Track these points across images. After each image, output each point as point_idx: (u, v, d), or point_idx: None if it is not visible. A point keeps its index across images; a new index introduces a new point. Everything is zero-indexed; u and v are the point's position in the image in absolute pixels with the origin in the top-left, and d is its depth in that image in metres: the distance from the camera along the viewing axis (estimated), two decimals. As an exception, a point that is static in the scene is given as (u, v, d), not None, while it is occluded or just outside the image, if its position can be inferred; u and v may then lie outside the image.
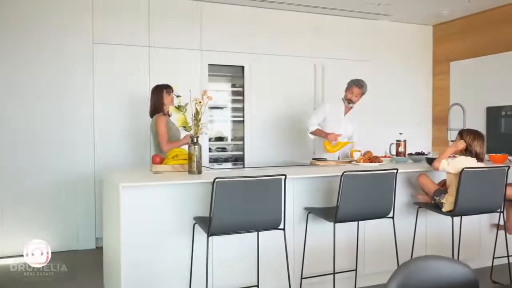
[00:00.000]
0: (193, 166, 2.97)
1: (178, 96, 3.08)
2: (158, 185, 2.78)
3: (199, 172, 3.00)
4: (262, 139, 5.46)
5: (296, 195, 3.19)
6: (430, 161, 3.51)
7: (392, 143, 4.47)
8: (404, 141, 4.39)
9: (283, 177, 2.60)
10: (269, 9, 5.45)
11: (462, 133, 3.26)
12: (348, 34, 5.94)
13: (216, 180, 2.43)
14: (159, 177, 2.92)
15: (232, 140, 5.69)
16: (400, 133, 4.62)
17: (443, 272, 1.33)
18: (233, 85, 5.66)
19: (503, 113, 5.43)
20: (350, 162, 3.94)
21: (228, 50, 5.28)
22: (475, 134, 3.22)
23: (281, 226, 2.66)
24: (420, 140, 6.25)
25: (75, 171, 4.60)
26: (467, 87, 5.91)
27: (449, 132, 4.63)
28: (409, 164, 3.84)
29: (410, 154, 4.17)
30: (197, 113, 2.93)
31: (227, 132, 5.77)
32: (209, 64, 5.19)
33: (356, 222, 3.21)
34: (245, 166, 5.23)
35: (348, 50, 5.91)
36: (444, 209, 3.17)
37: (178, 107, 3.02)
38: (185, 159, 3.17)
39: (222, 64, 5.35)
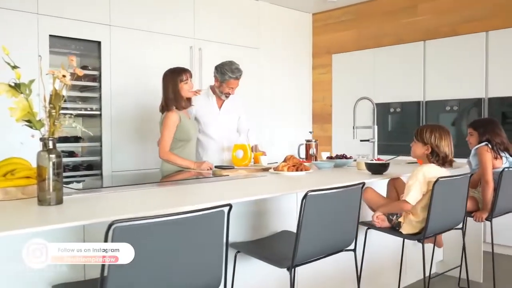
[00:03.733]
0: (46, 190, 1.65)
1: (14, 67, 1.69)
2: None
3: (59, 201, 1.69)
4: (128, 139, 4.14)
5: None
6: (374, 167, 2.76)
7: (301, 144, 3.67)
8: (316, 141, 3.63)
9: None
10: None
11: (421, 132, 2.52)
12: (231, 15, 4.99)
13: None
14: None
15: (83, 141, 4.22)
16: (310, 132, 3.85)
17: None
18: (84, 67, 4.19)
19: (391, 110, 5.11)
20: (264, 169, 2.98)
21: (78, 18, 3.85)
22: (441, 131, 2.48)
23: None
24: (301, 139, 5.65)
25: None
26: (351, 82, 5.49)
27: (355, 130, 4.01)
28: (346, 172, 3.02)
29: (332, 158, 3.40)
30: (56, 96, 1.61)
31: (76, 130, 4.27)
32: (50, 36, 3.70)
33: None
34: (105, 174, 3.95)
35: (231, 33, 4.97)
36: (403, 231, 2.43)
37: (16, 87, 1.64)
38: (29, 177, 1.83)
39: (69, 37, 3.88)
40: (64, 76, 1.57)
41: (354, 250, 2.14)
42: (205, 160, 3.20)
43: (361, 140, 4.16)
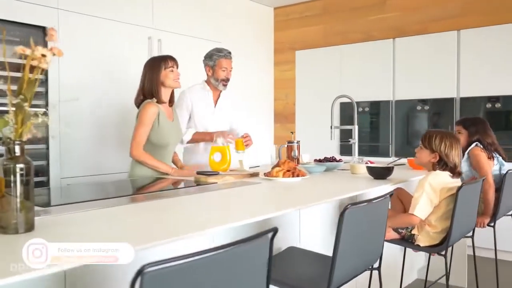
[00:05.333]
0: (11, 212, 1.20)
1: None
2: None
3: (29, 227, 1.24)
4: (80, 141, 3.60)
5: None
6: (378, 172, 2.50)
7: (283, 146, 3.35)
8: (298, 142, 3.33)
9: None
10: None
11: (430, 139, 2.25)
12: (192, 5, 4.58)
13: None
14: None
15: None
16: (292, 132, 3.54)
17: None
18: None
19: (359, 109, 4.93)
20: (252, 175, 2.62)
21: (19, -2, 3.27)
22: (451, 139, 2.22)
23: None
24: (262, 139, 5.35)
25: None
26: (316, 79, 5.26)
27: (332, 130, 3.77)
28: (343, 177, 2.72)
29: (320, 160, 3.10)
30: (29, 84, 1.16)
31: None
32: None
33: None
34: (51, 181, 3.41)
35: (193, 25, 4.55)
36: (421, 243, 2.18)
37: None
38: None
39: (7, 19, 3.29)
40: (43, 55, 1.13)
41: (379, 268, 1.85)
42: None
43: (342, 141, 3.94)
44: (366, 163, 2.84)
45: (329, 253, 2.05)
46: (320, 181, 2.51)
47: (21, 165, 1.23)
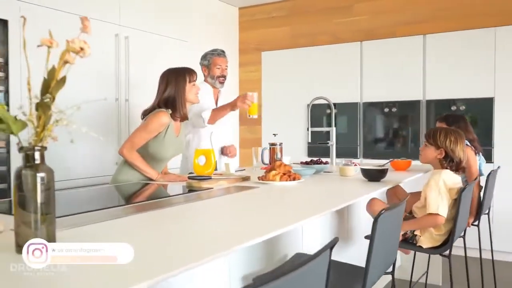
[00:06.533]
0: (30, 229, 1.04)
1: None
2: None
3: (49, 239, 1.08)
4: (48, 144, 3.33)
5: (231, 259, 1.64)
6: (372, 174, 2.48)
7: (265, 148, 3.28)
8: (281, 144, 3.27)
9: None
10: None
11: (434, 136, 2.27)
12: (158, 2, 4.41)
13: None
14: None
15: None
16: (274, 134, 3.48)
17: None
18: (-17, 52, 3.27)
19: (327, 111, 4.96)
20: (244, 179, 2.53)
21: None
22: (456, 135, 2.26)
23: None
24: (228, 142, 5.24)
25: None
26: (283, 81, 5.24)
27: (309, 132, 3.74)
28: (335, 180, 2.67)
29: (308, 163, 3.05)
30: (58, 83, 1.01)
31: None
32: None
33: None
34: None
35: (160, 23, 4.38)
36: (423, 245, 2.19)
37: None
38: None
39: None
40: (81, 49, 0.98)
41: (392, 272, 1.82)
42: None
43: (319, 143, 3.92)
44: (355, 165, 2.83)
45: (341, 258, 2.01)
46: (316, 184, 2.46)
47: (42, 174, 1.07)
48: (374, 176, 2.47)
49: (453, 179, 2.20)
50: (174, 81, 2.46)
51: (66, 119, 1.06)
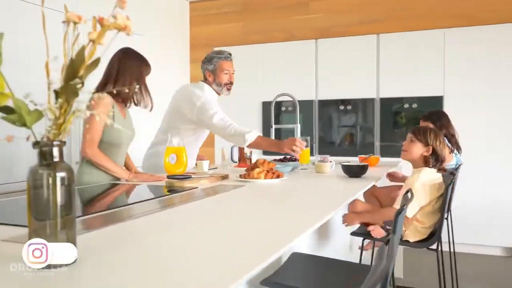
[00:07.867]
0: (49, 234, 0.87)
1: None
2: None
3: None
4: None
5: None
6: (353, 170, 2.46)
7: (234, 146, 3.16)
8: (251, 142, 3.16)
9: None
10: None
11: (424, 133, 2.26)
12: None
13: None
14: None
15: None
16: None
17: None
18: None
19: (283, 108, 4.94)
20: (224, 177, 2.40)
21: None
22: (441, 136, 2.29)
23: None
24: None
25: None
26: (236, 78, 5.11)
27: (272, 129, 3.68)
28: (316, 177, 2.60)
29: (282, 160, 2.97)
30: (91, 65, 0.85)
31: None
32: None
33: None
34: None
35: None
36: (410, 239, 2.20)
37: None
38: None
39: None
40: (125, 26, 0.83)
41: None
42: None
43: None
44: (330, 162, 2.80)
45: (324, 254, 1.97)
46: (299, 181, 2.39)
47: (62, 174, 0.90)
48: (355, 172, 2.45)
49: (431, 176, 2.23)
50: (135, 68, 2.38)
51: (83, 110, 0.89)
